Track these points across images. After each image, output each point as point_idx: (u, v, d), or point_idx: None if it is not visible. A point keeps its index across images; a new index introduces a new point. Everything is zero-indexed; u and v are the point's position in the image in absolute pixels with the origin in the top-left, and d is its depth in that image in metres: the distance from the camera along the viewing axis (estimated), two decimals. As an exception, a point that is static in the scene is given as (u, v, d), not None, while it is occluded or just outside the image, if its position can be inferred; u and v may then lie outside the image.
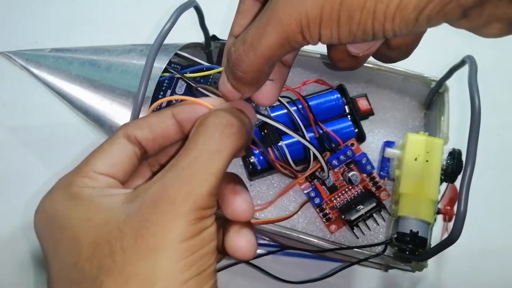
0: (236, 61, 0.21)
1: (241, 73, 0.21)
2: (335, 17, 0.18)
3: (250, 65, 0.21)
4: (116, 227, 0.20)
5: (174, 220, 0.20)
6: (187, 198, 0.20)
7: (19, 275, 0.47)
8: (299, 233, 0.38)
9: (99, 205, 0.21)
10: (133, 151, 0.24)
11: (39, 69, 0.39)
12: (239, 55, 0.21)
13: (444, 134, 0.40)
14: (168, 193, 0.20)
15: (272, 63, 0.21)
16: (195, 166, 0.21)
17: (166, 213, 0.20)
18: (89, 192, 0.22)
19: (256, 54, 0.20)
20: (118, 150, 0.23)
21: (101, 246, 0.20)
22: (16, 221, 0.48)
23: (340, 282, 0.44)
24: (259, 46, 0.20)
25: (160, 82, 0.40)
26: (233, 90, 0.23)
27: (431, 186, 0.37)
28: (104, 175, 0.23)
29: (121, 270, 0.19)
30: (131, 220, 0.20)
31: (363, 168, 0.41)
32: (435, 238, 0.39)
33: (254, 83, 0.22)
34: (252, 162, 0.41)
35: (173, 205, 0.20)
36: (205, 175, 0.20)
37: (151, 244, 0.19)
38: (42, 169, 0.50)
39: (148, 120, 0.24)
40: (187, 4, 0.33)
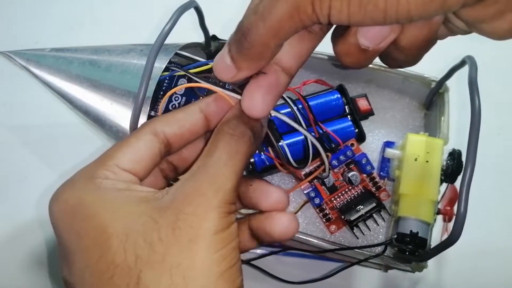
0: (245, 29, 0.21)
1: (247, 44, 0.21)
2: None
3: (258, 36, 0.20)
4: (151, 219, 0.21)
5: (208, 212, 0.21)
6: (217, 191, 0.21)
7: (19, 275, 0.47)
8: (299, 234, 0.38)
9: (127, 198, 0.22)
10: (159, 149, 0.24)
11: (39, 69, 0.39)
12: (249, 23, 0.21)
13: (444, 134, 0.40)
14: (201, 187, 0.21)
15: (279, 39, 0.21)
16: (219, 166, 0.22)
17: (200, 205, 0.21)
18: (113, 184, 0.22)
19: (265, 24, 0.20)
20: (144, 147, 0.24)
21: (133, 237, 0.20)
22: (16, 221, 0.48)
23: (340, 283, 0.44)
24: (270, 16, 0.20)
25: (160, 81, 0.40)
26: (231, 65, 0.22)
27: (431, 186, 0.37)
28: (126, 171, 0.23)
29: (162, 261, 0.20)
30: (166, 212, 0.21)
31: (363, 169, 0.41)
32: (435, 238, 0.39)
33: (256, 59, 0.22)
34: (252, 162, 0.41)
35: (206, 198, 0.21)
36: (229, 173, 0.22)
37: (190, 235, 0.20)
38: (42, 169, 0.50)
39: (176, 116, 0.25)
40: (187, 4, 0.33)
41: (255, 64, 0.22)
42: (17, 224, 0.48)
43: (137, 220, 0.21)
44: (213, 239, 0.20)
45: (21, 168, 0.51)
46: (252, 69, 0.23)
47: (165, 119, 0.25)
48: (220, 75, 0.23)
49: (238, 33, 0.21)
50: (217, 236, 0.21)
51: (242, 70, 0.22)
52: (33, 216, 0.48)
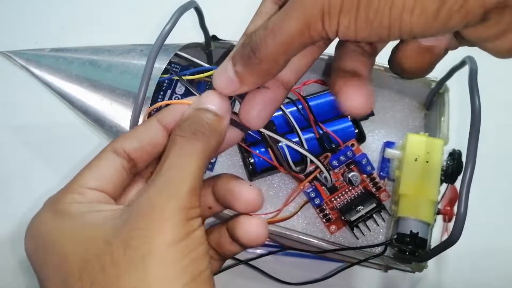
0: (255, 45, 0.21)
1: (257, 60, 0.21)
2: (355, 3, 0.18)
3: (268, 52, 0.20)
4: (105, 241, 0.20)
5: (160, 224, 0.20)
6: (168, 200, 0.20)
7: (19, 276, 0.47)
8: (299, 234, 0.38)
9: (87, 221, 0.21)
10: (121, 164, 0.24)
11: (39, 69, 0.39)
12: (259, 39, 0.21)
13: (444, 134, 0.40)
14: (152, 198, 0.20)
15: (289, 55, 0.21)
16: (171, 171, 0.21)
17: (151, 219, 0.20)
18: (77, 208, 0.22)
19: (276, 40, 0.20)
20: (105, 165, 0.23)
21: (91, 262, 0.20)
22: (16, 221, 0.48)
23: (340, 283, 0.44)
24: (280, 31, 0.20)
25: (160, 82, 0.40)
26: (235, 79, 0.22)
27: (431, 186, 0.37)
28: (93, 190, 0.23)
29: (114, 284, 0.19)
30: (119, 232, 0.20)
31: (363, 169, 0.41)
32: (435, 238, 0.39)
33: (263, 75, 0.22)
34: (252, 162, 0.41)
35: (157, 209, 0.20)
36: (182, 177, 0.21)
37: (141, 252, 0.19)
38: (42, 169, 0.50)
39: (135, 131, 0.25)
40: (188, 5, 0.33)
41: (261, 80, 0.22)
42: (17, 224, 0.48)
43: (93, 244, 0.20)
44: (168, 252, 0.19)
45: (21, 168, 0.51)
46: (256, 84, 0.22)
47: (124, 135, 0.25)
48: (221, 88, 0.23)
49: (246, 48, 0.21)
50: (173, 247, 0.19)
51: (246, 85, 0.22)
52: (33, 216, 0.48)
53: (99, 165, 0.23)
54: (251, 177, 0.42)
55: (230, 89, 0.23)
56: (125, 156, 0.24)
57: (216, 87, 0.23)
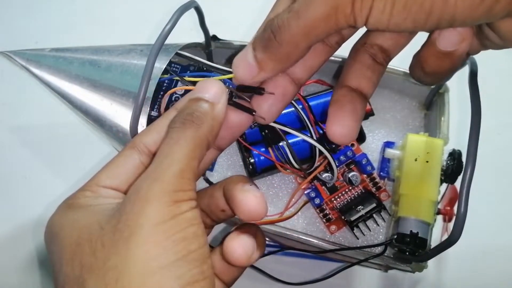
0: (276, 27, 0.20)
1: (276, 43, 0.20)
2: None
3: (290, 35, 0.20)
4: (98, 226, 0.21)
5: (143, 206, 0.20)
6: (152, 183, 0.20)
7: (20, 275, 0.47)
8: (299, 234, 0.38)
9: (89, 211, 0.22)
10: (139, 160, 0.24)
11: (39, 69, 0.39)
12: (281, 22, 0.20)
13: (444, 134, 0.40)
14: (136, 186, 0.21)
15: (311, 40, 0.20)
16: (159, 158, 0.21)
17: (135, 202, 0.20)
18: (86, 201, 0.22)
19: (299, 23, 0.20)
20: (123, 162, 0.24)
21: (82, 246, 0.20)
22: (16, 221, 0.48)
23: (340, 283, 0.44)
24: (305, 14, 0.19)
25: (160, 82, 0.40)
26: (254, 64, 0.22)
27: (431, 186, 0.37)
28: (106, 188, 0.23)
29: (102, 266, 0.20)
30: (112, 217, 0.21)
31: (363, 169, 0.41)
32: (435, 238, 0.39)
33: (282, 60, 0.21)
34: (252, 162, 0.41)
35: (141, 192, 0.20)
36: (168, 162, 0.21)
37: (125, 234, 0.20)
38: (42, 169, 0.50)
39: (154, 124, 0.25)
40: (188, 4, 0.33)
41: (280, 65, 0.22)
42: (17, 224, 0.48)
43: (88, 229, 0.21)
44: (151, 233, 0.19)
45: (21, 168, 0.51)
46: (275, 71, 0.22)
47: (144, 130, 0.25)
48: (240, 74, 0.23)
49: (267, 31, 0.21)
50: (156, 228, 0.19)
51: (265, 71, 0.22)
52: (33, 216, 0.48)
53: (117, 163, 0.24)
54: (251, 177, 0.42)
55: (249, 75, 0.22)
56: (145, 150, 0.24)
57: (235, 74, 0.23)
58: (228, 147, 0.43)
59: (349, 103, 0.23)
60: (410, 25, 0.18)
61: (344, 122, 0.23)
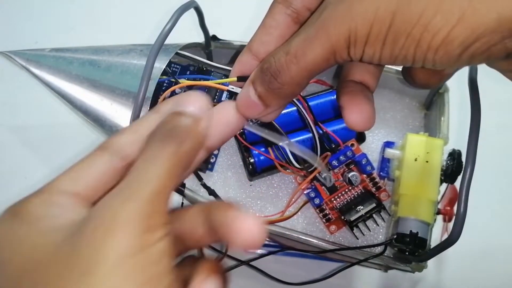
0: (276, 71, 0.21)
1: (279, 85, 0.21)
2: (381, 37, 0.19)
3: (290, 77, 0.21)
4: (52, 249, 0.17)
5: (112, 231, 0.16)
6: (123, 202, 0.17)
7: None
8: (299, 234, 0.38)
9: (42, 226, 0.18)
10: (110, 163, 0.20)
11: (39, 69, 0.39)
12: (280, 65, 0.21)
13: (444, 134, 0.40)
14: (107, 203, 0.18)
15: (311, 77, 0.21)
16: (133, 174, 0.18)
17: (102, 223, 0.17)
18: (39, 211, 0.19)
19: (300, 66, 0.20)
20: (90, 163, 0.20)
21: (30, 272, 0.17)
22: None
23: (340, 283, 0.44)
24: (304, 58, 0.20)
25: (160, 82, 0.40)
26: (258, 102, 0.22)
27: (431, 186, 0.37)
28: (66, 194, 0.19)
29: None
30: (69, 239, 0.17)
31: (363, 169, 0.41)
32: (435, 238, 0.39)
33: (288, 96, 0.22)
34: (252, 162, 0.41)
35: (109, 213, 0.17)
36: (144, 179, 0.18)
37: (83, 267, 0.16)
38: (42, 169, 0.50)
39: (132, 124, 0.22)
40: (188, 5, 0.33)
41: (285, 101, 0.23)
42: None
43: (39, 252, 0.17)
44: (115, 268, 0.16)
45: (21, 168, 0.51)
46: (281, 105, 0.23)
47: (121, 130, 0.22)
48: (247, 112, 0.23)
49: (266, 74, 0.21)
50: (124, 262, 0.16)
51: (271, 107, 0.22)
52: None
53: (82, 165, 0.20)
54: (251, 177, 0.42)
55: (256, 112, 0.23)
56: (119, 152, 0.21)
57: (242, 113, 0.23)
58: (229, 147, 0.43)
59: (360, 92, 0.24)
60: (398, 65, 0.20)
61: (362, 108, 0.24)
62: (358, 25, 0.19)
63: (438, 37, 0.18)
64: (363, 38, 0.19)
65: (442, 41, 0.18)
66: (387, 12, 0.18)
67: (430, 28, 0.18)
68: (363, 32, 0.19)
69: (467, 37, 0.17)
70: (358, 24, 0.19)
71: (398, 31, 0.18)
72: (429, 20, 0.18)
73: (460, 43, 0.17)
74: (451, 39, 0.17)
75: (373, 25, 0.19)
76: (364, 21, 0.19)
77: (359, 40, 0.19)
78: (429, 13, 0.18)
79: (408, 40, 0.18)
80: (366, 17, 0.19)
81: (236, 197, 0.42)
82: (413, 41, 0.18)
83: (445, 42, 0.18)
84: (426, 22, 0.18)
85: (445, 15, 0.17)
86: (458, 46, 0.18)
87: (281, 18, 0.22)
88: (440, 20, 0.17)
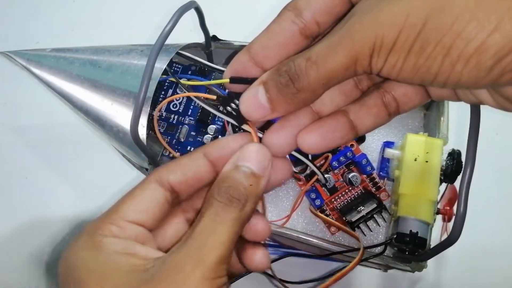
0: (294, 75, 0.21)
1: (294, 89, 0.21)
2: (408, 45, 0.18)
3: (308, 83, 0.20)
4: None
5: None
6: (194, 267, 0.20)
7: (19, 275, 0.47)
8: (299, 233, 0.38)
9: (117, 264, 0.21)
10: (164, 197, 0.23)
11: (40, 69, 0.39)
12: (299, 70, 0.20)
13: (444, 134, 0.40)
14: (180, 261, 0.20)
15: (329, 86, 0.21)
16: (202, 236, 0.21)
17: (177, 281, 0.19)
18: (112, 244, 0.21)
19: (319, 72, 0.20)
20: (149, 196, 0.23)
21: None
22: (16, 221, 0.48)
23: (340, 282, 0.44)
24: (325, 64, 0.20)
25: (161, 81, 0.40)
26: (266, 105, 0.22)
27: (430, 186, 0.37)
28: (133, 224, 0.22)
29: None
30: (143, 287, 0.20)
31: (363, 169, 0.41)
32: (435, 238, 0.39)
33: (300, 103, 0.22)
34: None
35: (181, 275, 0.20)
36: (212, 244, 0.20)
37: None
38: (42, 169, 0.50)
39: (180, 163, 0.24)
40: (188, 5, 0.33)
41: (296, 108, 0.22)
42: (17, 224, 0.48)
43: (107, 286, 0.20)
44: None
45: (22, 168, 0.51)
46: (288, 112, 0.22)
47: (168, 167, 0.24)
48: (250, 113, 0.23)
49: (283, 76, 0.21)
50: None
51: (277, 112, 0.22)
52: (33, 216, 0.48)
53: (142, 196, 0.23)
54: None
55: (259, 115, 0.22)
56: (169, 188, 0.23)
57: (245, 113, 0.23)
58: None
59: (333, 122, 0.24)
60: (416, 82, 0.19)
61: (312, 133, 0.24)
62: (385, 31, 0.18)
63: (471, 44, 0.17)
64: (389, 45, 0.18)
65: (475, 50, 0.17)
66: (418, 18, 0.18)
67: (464, 35, 0.17)
68: (390, 38, 0.18)
69: (503, 46, 0.17)
70: (386, 30, 0.18)
71: (428, 38, 0.18)
72: (463, 27, 0.17)
73: (494, 53, 0.17)
74: (485, 48, 0.17)
75: (401, 32, 0.18)
76: (392, 27, 0.18)
77: (384, 47, 0.19)
78: (463, 20, 0.17)
79: (437, 49, 0.18)
80: (395, 23, 0.18)
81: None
82: (442, 49, 0.17)
83: (479, 51, 0.17)
84: (460, 29, 0.17)
85: (481, 22, 0.17)
86: (491, 57, 0.17)
87: (287, 25, 0.22)
88: (475, 27, 0.17)
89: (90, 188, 0.49)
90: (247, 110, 0.23)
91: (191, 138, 0.42)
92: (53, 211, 0.48)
